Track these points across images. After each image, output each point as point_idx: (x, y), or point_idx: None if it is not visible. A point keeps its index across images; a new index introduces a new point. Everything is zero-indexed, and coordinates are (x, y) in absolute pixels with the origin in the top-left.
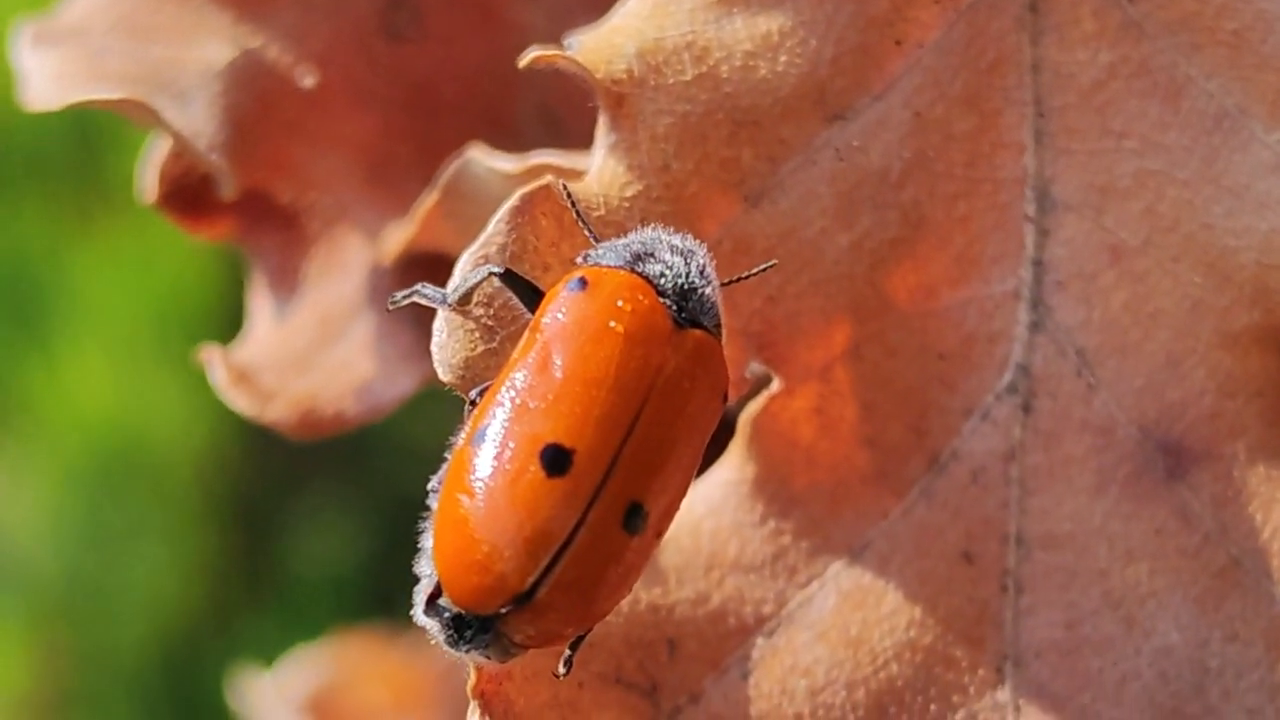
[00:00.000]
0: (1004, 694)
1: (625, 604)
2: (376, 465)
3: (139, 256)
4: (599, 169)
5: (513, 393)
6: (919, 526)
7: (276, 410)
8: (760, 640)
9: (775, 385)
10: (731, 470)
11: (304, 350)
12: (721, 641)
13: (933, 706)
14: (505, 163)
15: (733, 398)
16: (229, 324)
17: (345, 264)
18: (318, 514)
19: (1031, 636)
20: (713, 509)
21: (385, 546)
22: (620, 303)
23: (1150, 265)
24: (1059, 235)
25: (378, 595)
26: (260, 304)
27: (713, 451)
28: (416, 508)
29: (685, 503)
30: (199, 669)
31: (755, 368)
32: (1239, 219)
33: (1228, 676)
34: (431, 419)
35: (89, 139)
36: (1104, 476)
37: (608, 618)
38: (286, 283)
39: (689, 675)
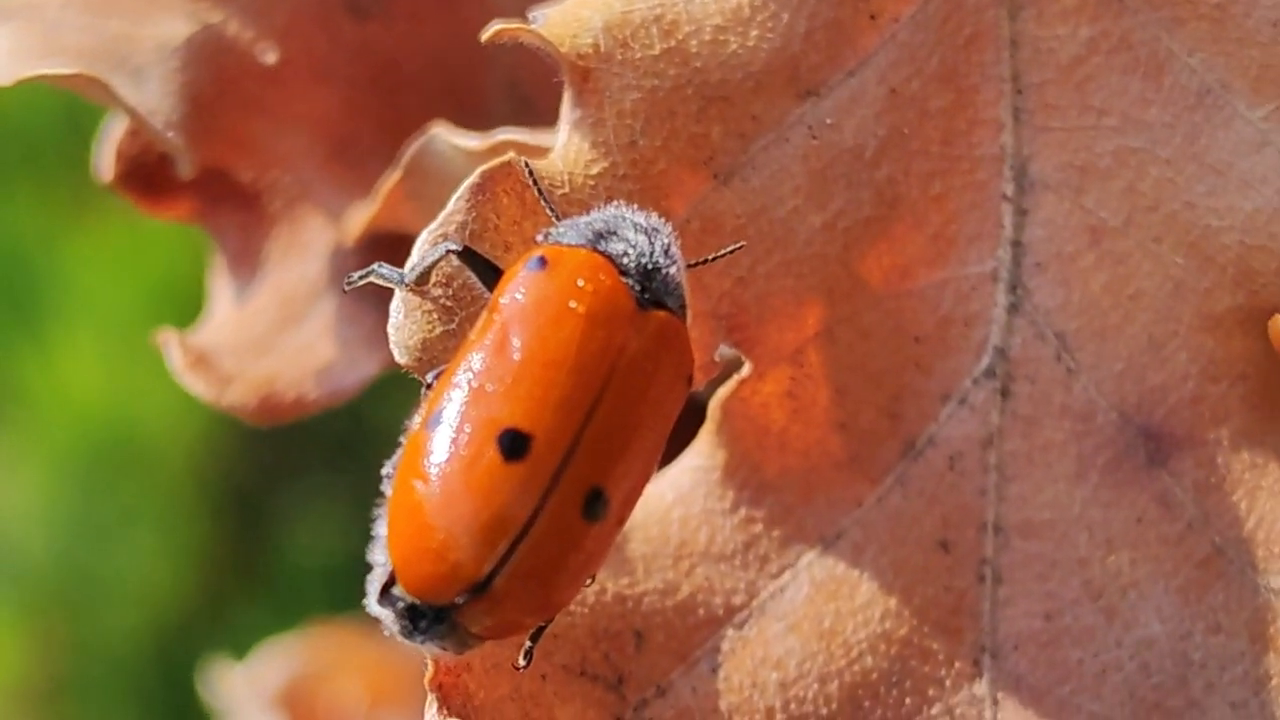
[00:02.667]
0: (981, 687)
1: (590, 594)
2: (369, 455)
3: (132, 245)
4: (564, 146)
5: (469, 375)
6: (894, 514)
7: (235, 394)
8: (730, 632)
9: (745, 369)
10: (701, 456)
11: (264, 333)
12: (690, 633)
13: (908, 700)
14: (469, 140)
15: (702, 381)
16: None
17: (307, 245)
18: (310, 503)
19: (1010, 627)
20: (682, 496)
21: None
22: (581, 282)
23: (1131, 246)
24: (1038, 215)
25: None
26: (221, 286)
27: (682, 437)
28: None
29: (654, 490)
30: (191, 658)
31: (725, 351)
32: (1222, 198)
33: (1211, 669)
34: None
35: (82, 127)
36: (1084, 463)
37: (571, 608)
38: (247, 264)
39: (656, 667)
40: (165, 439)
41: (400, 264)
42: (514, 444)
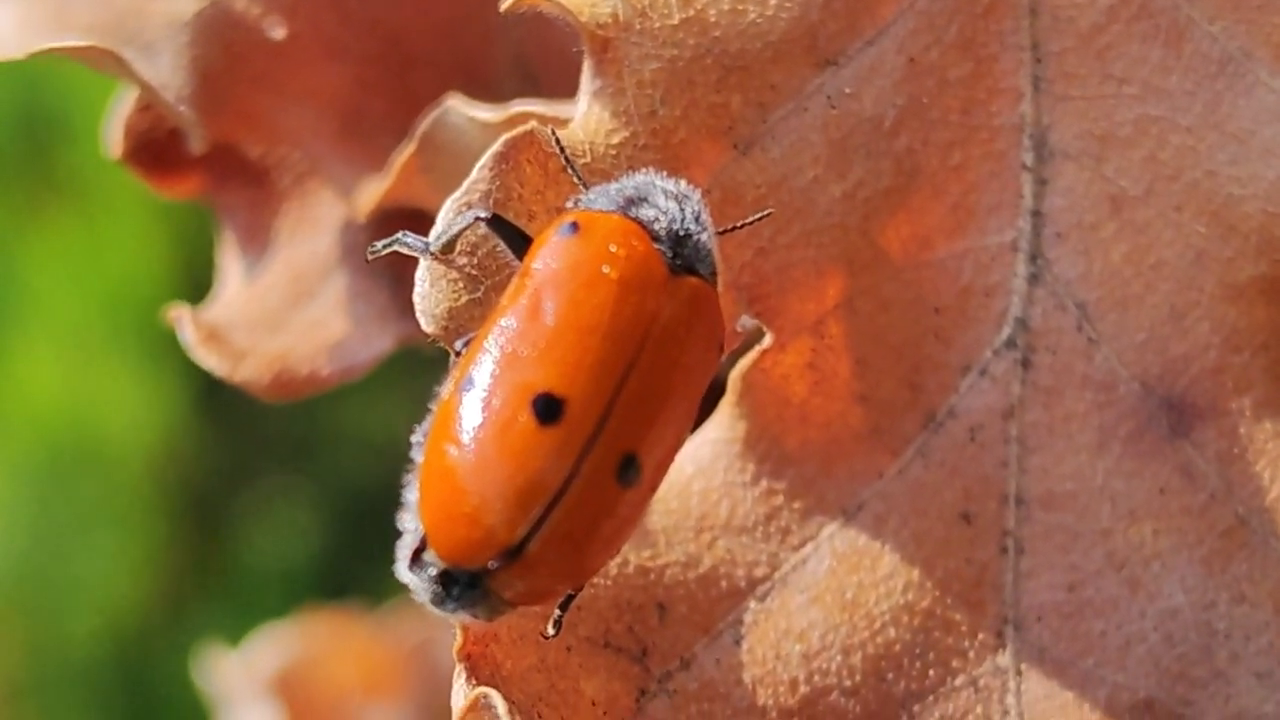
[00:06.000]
0: (1005, 658)
1: (614, 566)
2: (328, 458)
3: (89, 249)
4: (584, 115)
5: (502, 340)
6: (915, 486)
7: (248, 370)
8: (753, 604)
9: (767, 340)
10: (722, 429)
11: (276, 309)
12: (713, 605)
13: (932, 672)
14: (485, 112)
15: (724, 352)
16: None
17: (317, 221)
18: (269, 506)
19: (1032, 599)
20: (703, 469)
21: (336, 539)
22: (613, 248)
23: (1152, 215)
24: (1058, 185)
25: (329, 587)
26: (230, 262)
27: (703, 411)
28: (367, 500)
29: (674, 463)
30: (150, 661)
31: (747, 322)
32: (1244, 166)
33: (1236, 639)
34: (383, 413)
35: (37, 133)
36: (1106, 434)
37: (595, 580)
38: (257, 240)
39: (680, 640)
40: (122, 443)
41: None
42: (548, 408)
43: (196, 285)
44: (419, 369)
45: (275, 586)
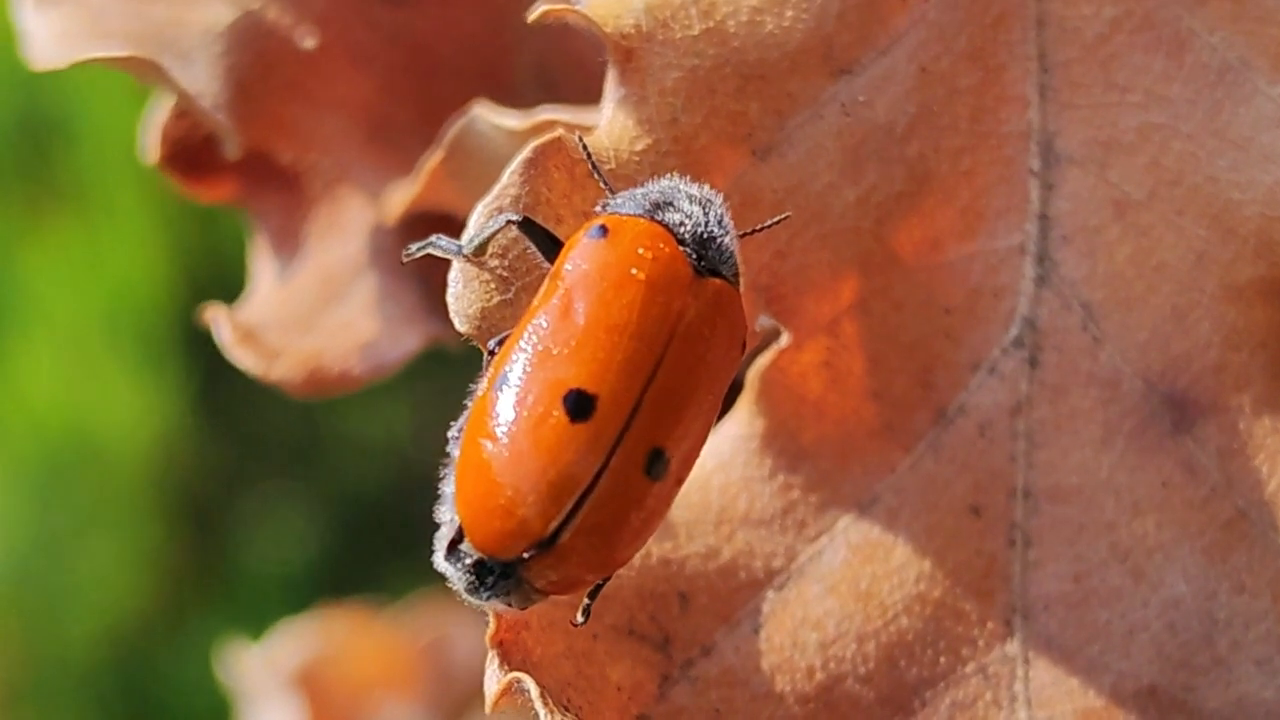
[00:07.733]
0: (1013, 646)
1: (637, 557)
2: (327, 462)
3: (89, 255)
4: (609, 122)
5: (535, 339)
6: (927, 480)
7: (282, 368)
8: (771, 594)
9: (784, 339)
10: (741, 425)
11: (308, 310)
12: (732, 595)
13: (942, 659)
14: (511, 119)
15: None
16: (179, 322)
17: (347, 225)
18: (268, 511)
19: (1040, 589)
20: (722, 463)
21: (335, 543)
22: (641, 250)
23: (1155, 219)
24: (1064, 189)
25: (328, 591)
26: (263, 265)
27: (723, 408)
28: (367, 505)
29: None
30: (149, 665)
31: (765, 321)
32: (1243, 172)
33: (1236, 627)
34: (384, 418)
35: (39, 138)
36: (1110, 429)
37: (621, 570)
38: (288, 244)
39: (701, 628)
40: (122, 447)
41: None
42: (579, 404)
43: (196, 290)
44: (419, 376)
45: (274, 591)
